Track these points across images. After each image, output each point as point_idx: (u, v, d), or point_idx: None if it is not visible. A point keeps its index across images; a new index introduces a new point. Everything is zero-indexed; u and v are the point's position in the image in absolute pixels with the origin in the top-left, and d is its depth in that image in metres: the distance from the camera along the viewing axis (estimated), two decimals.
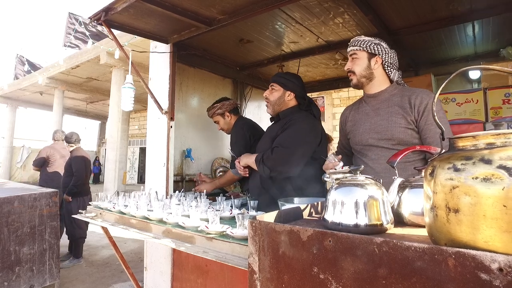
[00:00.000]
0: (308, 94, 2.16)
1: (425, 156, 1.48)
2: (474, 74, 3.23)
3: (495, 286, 0.49)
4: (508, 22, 2.44)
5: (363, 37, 1.57)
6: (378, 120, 1.54)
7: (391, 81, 1.59)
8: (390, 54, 1.56)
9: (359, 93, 1.73)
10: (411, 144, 1.45)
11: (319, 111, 2.03)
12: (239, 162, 1.98)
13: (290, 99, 1.96)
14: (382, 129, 1.51)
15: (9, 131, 13.08)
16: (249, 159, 1.91)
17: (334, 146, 4.24)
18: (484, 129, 2.48)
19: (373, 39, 1.56)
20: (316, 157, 1.79)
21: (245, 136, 2.34)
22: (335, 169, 1.41)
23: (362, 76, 1.57)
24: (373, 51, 1.54)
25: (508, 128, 0.60)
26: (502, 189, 0.50)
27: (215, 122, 2.69)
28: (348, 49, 1.62)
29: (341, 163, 1.42)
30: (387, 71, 1.57)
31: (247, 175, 2.00)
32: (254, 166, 1.85)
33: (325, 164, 1.47)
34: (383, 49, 1.54)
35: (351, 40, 1.61)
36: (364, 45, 1.54)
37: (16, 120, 13.25)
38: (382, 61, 1.55)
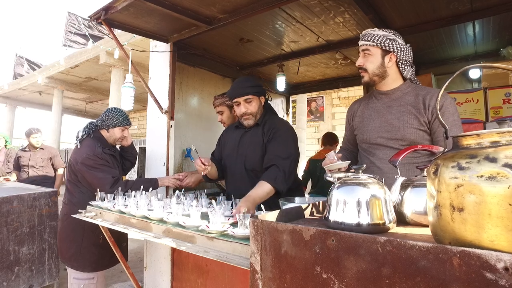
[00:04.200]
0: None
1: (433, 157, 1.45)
2: (475, 74, 3.24)
3: (500, 286, 0.48)
4: (508, 22, 2.44)
5: (376, 31, 1.46)
6: (389, 118, 1.47)
7: (404, 78, 1.52)
8: (405, 51, 1.46)
9: (359, 93, 1.70)
10: None
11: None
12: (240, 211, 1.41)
13: (263, 103, 1.95)
14: (393, 129, 1.45)
15: (8, 131, 13.04)
16: (257, 199, 1.58)
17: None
18: (485, 129, 2.48)
19: (388, 33, 1.45)
20: None
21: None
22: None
23: (375, 74, 1.48)
24: (387, 48, 1.43)
25: (509, 127, 0.60)
26: (508, 188, 0.50)
27: (218, 112, 2.50)
28: (360, 43, 1.50)
29: (339, 161, 1.39)
30: (400, 68, 1.48)
31: (206, 171, 1.80)
32: (267, 197, 1.63)
33: (324, 161, 1.45)
34: (398, 46, 1.44)
35: (364, 32, 1.50)
36: (378, 41, 1.43)
37: (15, 120, 13.23)
38: (397, 58, 1.45)
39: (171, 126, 2.50)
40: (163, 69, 2.58)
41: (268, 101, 2.04)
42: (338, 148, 3.64)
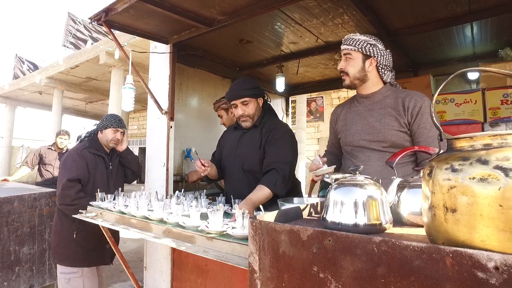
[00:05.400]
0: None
1: (416, 158, 1.46)
2: (473, 75, 3.25)
3: (491, 285, 0.50)
4: (506, 23, 2.46)
5: (358, 36, 1.51)
6: (371, 121, 1.51)
7: (384, 82, 1.56)
8: (385, 56, 1.51)
9: None
10: (403, 147, 1.43)
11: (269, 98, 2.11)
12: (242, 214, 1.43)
13: (261, 104, 1.96)
14: (374, 131, 1.49)
15: (8, 131, 13.06)
16: (256, 202, 1.60)
17: None
18: (483, 130, 2.49)
19: (369, 38, 1.50)
20: None
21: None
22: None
23: (355, 78, 1.53)
24: (368, 53, 1.48)
25: (506, 129, 0.61)
26: (499, 189, 0.51)
27: (218, 116, 2.72)
28: (342, 47, 1.55)
29: (325, 166, 1.41)
30: (380, 73, 1.53)
31: (206, 172, 1.83)
32: (266, 200, 1.66)
33: (310, 166, 1.46)
34: (378, 51, 1.49)
35: (346, 37, 1.54)
36: (360, 46, 1.48)
37: (15, 120, 13.24)
38: (377, 63, 1.50)
39: (171, 127, 2.51)
40: (163, 70, 2.59)
41: (268, 102, 2.06)
42: None
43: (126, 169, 2.45)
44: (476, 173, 0.54)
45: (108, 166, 2.30)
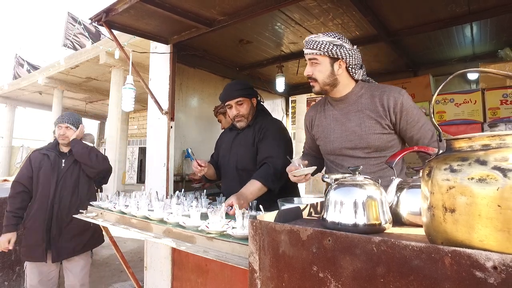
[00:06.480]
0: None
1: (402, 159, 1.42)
2: (472, 75, 3.25)
3: (489, 284, 0.50)
4: (506, 24, 2.46)
5: (321, 38, 1.36)
6: (349, 126, 1.42)
7: (355, 80, 1.46)
8: (354, 55, 1.39)
9: None
10: (387, 150, 1.38)
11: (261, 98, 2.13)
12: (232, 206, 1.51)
13: (255, 105, 1.99)
14: (355, 137, 1.40)
15: (8, 131, 13.08)
16: (249, 195, 1.63)
17: None
18: (482, 130, 2.50)
19: (334, 38, 1.36)
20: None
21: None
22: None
23: (325, 84, 1.41)
24: (335, 55, 1.36)
25: (506, 129, 0.62)
26: (497, 190, 0.52)
27: (218, 120, 2.78)
28: (306, 51, 1.41)
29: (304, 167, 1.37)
30: (351, 73, 1.42)
31: (203, 172, 1.87)
32: (259, 194, 1.69)
33: (288, 166, 1.40)
34: (346, 51, 1.36)
35: (307, 39, 1.40)
36: (325, 49, 1.35)
37: (15, 120, 13.25)
38: (346, 64, 1.39)
39: (171, 127, 2.51)
40: (163, 70, 2.59)
41: (261, 102, 2.08)
42: None
43: (85, 167, 2.25)
44: (474, 173, 0.55)
45: (58, 164, 2.21)
